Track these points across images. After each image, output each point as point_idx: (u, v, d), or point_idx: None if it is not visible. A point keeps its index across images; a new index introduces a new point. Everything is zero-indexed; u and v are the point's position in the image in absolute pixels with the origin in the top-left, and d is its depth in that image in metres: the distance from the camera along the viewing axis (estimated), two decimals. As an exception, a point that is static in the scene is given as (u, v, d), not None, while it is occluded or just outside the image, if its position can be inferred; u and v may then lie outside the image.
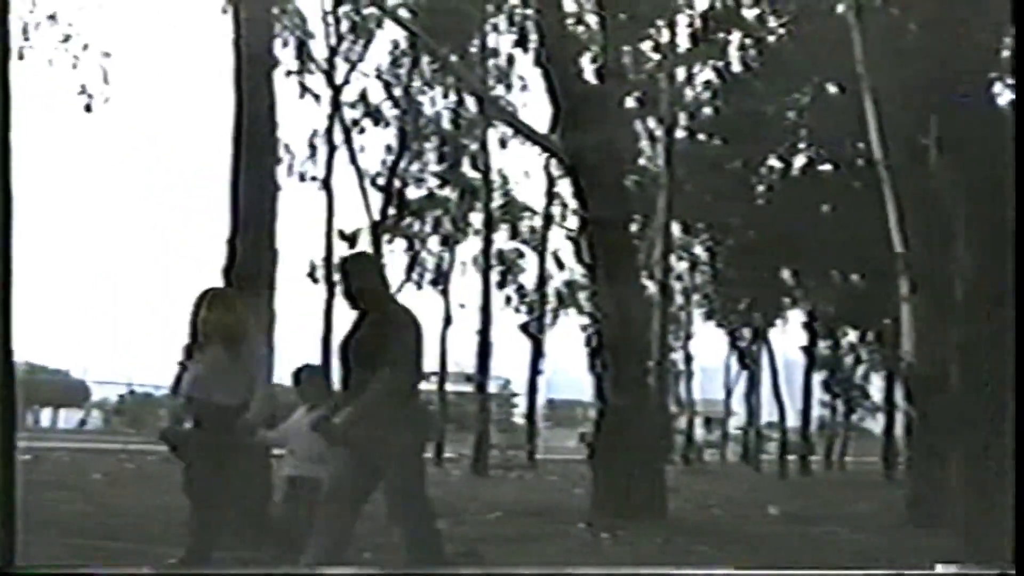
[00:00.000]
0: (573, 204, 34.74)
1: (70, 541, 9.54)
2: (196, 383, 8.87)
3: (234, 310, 9.00)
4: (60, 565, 7.46)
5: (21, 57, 30.15)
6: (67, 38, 29.53)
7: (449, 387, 36.99)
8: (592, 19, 24.01)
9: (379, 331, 7.83)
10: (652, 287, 30.03)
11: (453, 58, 27.84)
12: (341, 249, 34.65)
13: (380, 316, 7.95)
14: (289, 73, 32.60)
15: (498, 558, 10.30)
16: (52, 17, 29.63)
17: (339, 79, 34.18)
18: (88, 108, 29.88)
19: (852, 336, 43.49)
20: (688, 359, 43.69)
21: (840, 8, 21.29)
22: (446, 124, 35.53)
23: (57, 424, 49.01)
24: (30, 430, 39.75)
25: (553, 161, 33.63)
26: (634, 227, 23.99)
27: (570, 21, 21.20)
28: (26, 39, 29.58)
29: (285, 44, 31.17)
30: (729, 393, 48.18)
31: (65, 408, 50.91)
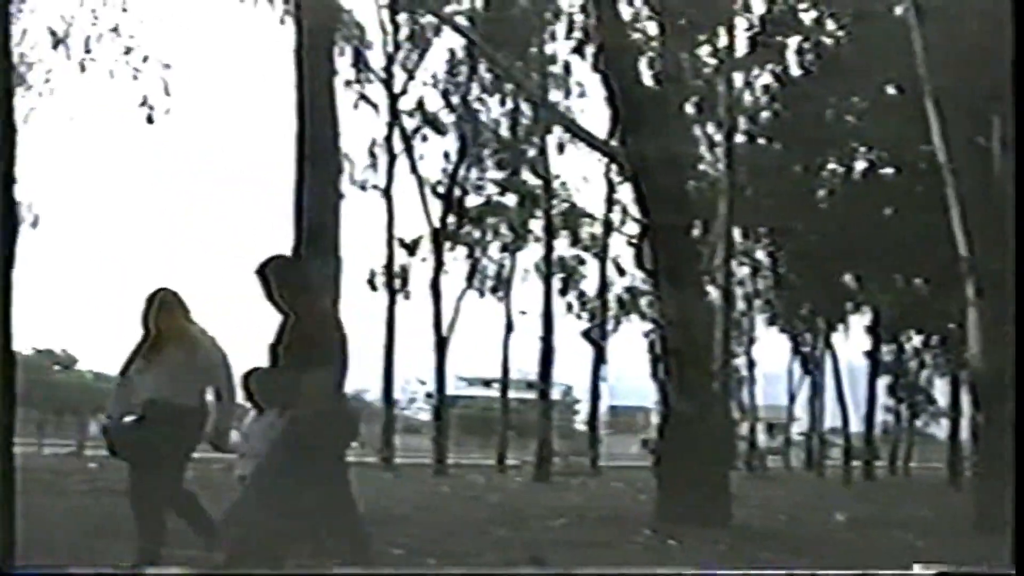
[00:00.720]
0: (634, 210, 34.80)
1: (135, 544, 9.60)
2: (151, 382, 8.78)
3: (187, 311, 8.95)
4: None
5: (83, 69, 30.45)
6: (128, 50, 29.83)
7: (511, 394, 37.03)
8: (650, 24, 24.00)
9: (302, 334, 7.89)
10: (714, 293, 29.93)
11: (511, 64, 27.87)
12: (402, 257, 34.93)
13: (303, 319, 8.00)
14: (348, 83, 32.81)
15: (565, 565, 10.27)
16: (114, 30, 29.88)
17: (397, 88, 34.37)
18: (150, 119, 30.10)
19: (916, 341, 43.17)
20: (751, 365, 43.52)
21: (898, 9, 21.15)
22: (504, 131, 35.59)
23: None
24: (95, 438, 40.06)
25: (613, 167, 33.65)
26: (696, 232, 23.93)
27: (628, 27, 21.18)
28: (87, 52, 29.86)
29: (342, 53, 31.32)
30: (792, 398, 48.01)
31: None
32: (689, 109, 31.14)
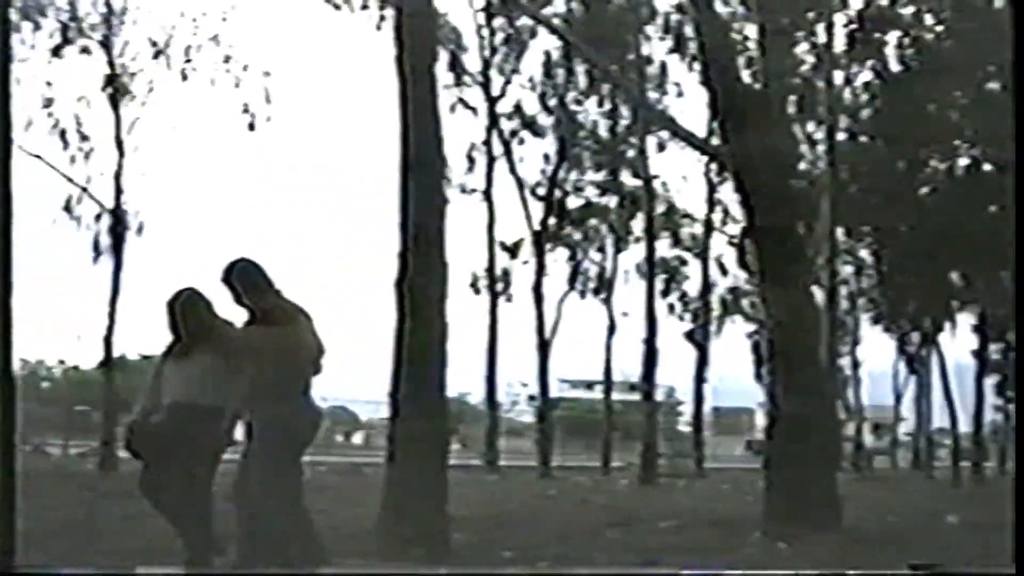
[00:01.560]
0: (735, 210, 34.63)
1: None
2: (177, 384, 8.74)
3: (212, 309, 8.85)
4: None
5: (184, 78, 31.01)
6: (228, 59, 30.32)
7: (614, 396, 36.95)
8: (749, 23, 23.86)
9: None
10: (818, 292, 29.67)
11: (608, 65, 27.83)
12: (503, 260, 34.99)
13: (270, 319, 8.48)
14: (446, 87, 32.94)
15: (678, 569, 10.21)
16: (214, 39, 30.43)
17: (495, 91, 34.43)
18: (251, 127, 30.61)
19: (1025, 338, 42.34)
20: (856, 364, 43.09)
21: (998, 2, 20.83)
22: (603, 132, 35.53)
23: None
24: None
25: (712, 166, 33.49)
26: (799, 232, 23.75)
27: (727, 26, 21.08)
28: (188, 61, 30.43)
29: (438, 58, 31.41)
30: (899, 398, 47.46)
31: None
32: (790, 108, 30.94)
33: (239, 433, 8.79)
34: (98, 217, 29.91)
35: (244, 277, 8.78)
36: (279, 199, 74.36)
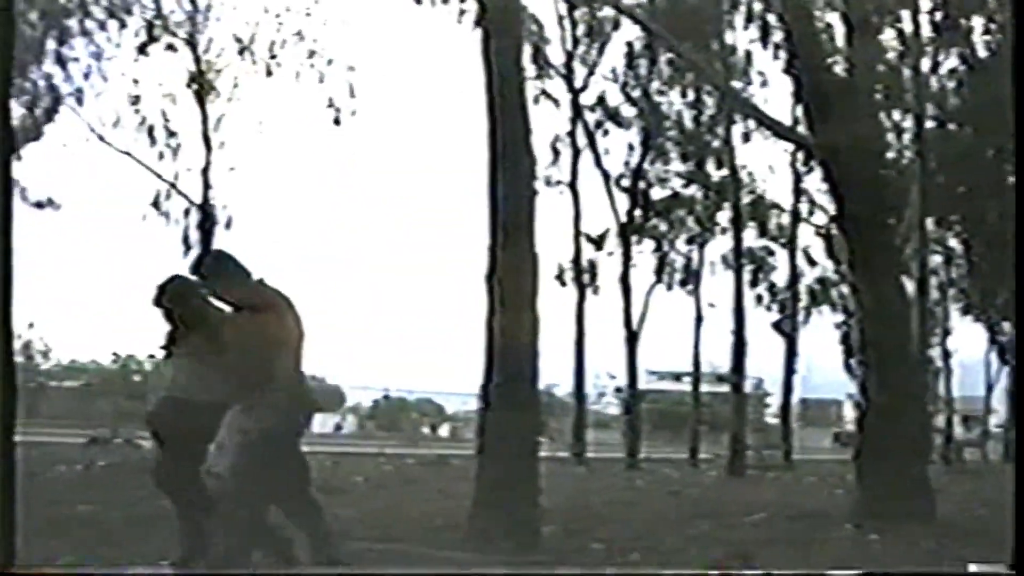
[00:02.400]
0: (823, 199, 34.41)
1: (346, 543, 9.73)
2: (171, 378, 8.77)
3: (206, 301, 8.67)
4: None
5: (269, 74, 31.26)
6: (312, 54, 30.54)
7: (702, 387, 36.77)
8: (834, 11, 23.68)
9: (248, 324, 8.27)
10: (908, 282, 29.39)
11: (692, 55, 27.70)
12: (589, 252, 34.93)
13: (245, 309, 8.36)
14: (528, 79, 32.94)
15: (770, 562, 10.15)
16: (298, 34, 30.66)
17: (578, 83, 34.36)
18: (337, 121, 30.80)
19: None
20: (946, 355, 42.57)
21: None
22: (688, 123, 35.38)
23: (313, 428, 50.41)
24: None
25: (799, 156, 33.29)
26: (889, 221, 23.55)
27: (813, 15, 20.95)
28: (273, 57, 30.69)
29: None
30: (990, 389, 46.84)
31: (322, 413, 52.40)
32: (877, 96, 30.67)
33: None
34: (187, 212, 30.25)
35: (217, 267, 8.60)
36: (365, 193, 74.72)
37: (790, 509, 15.87)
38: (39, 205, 30.40)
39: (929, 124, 31.82)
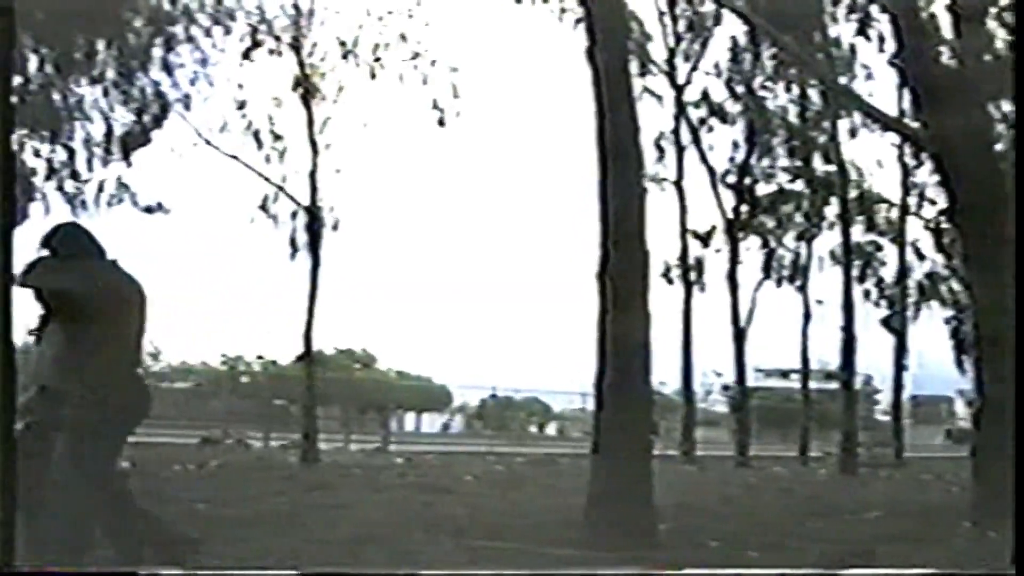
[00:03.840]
0: (931, 193, 34.02)
1: (461, 541, 9.77)
2: (42, 366, 8.06)
3: (67, 283, 7.99)
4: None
5: (373, 76, 31.45)
6: (416, 55, 30.68)
7: (811, 385, 36.52)
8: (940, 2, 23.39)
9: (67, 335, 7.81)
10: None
11: (796, 48, 27.43)
12: (695, 249, 34.80)
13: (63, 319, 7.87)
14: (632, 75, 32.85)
15: (890, 560, 10.02)
16: (402, 36, 30.81)
17: (681, 79, 34.23)
18: (441, 122, 30.94)
19: None
20: (1063, 347, 41.85)
21: None
22: (793, 118, 35.12)
23: (421, 428, 50.82)
24: (397, 434, 41.30)
25: (906, 149, 32.88)
26: (1003, 214, 23.19)
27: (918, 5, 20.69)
28: (377, 59, 30.86)
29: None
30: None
31: (429, 412, 52.72)
32: (987, 87, 30.19)
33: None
34: (294, 215, 30.50)
35: (69, 243, 8.09)
36: (472, 194, 74.95)
37: (905, 506, 15.70)
38: (148, 210, 30.83)
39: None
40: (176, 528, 8.28)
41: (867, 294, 37.01)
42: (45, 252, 8.06)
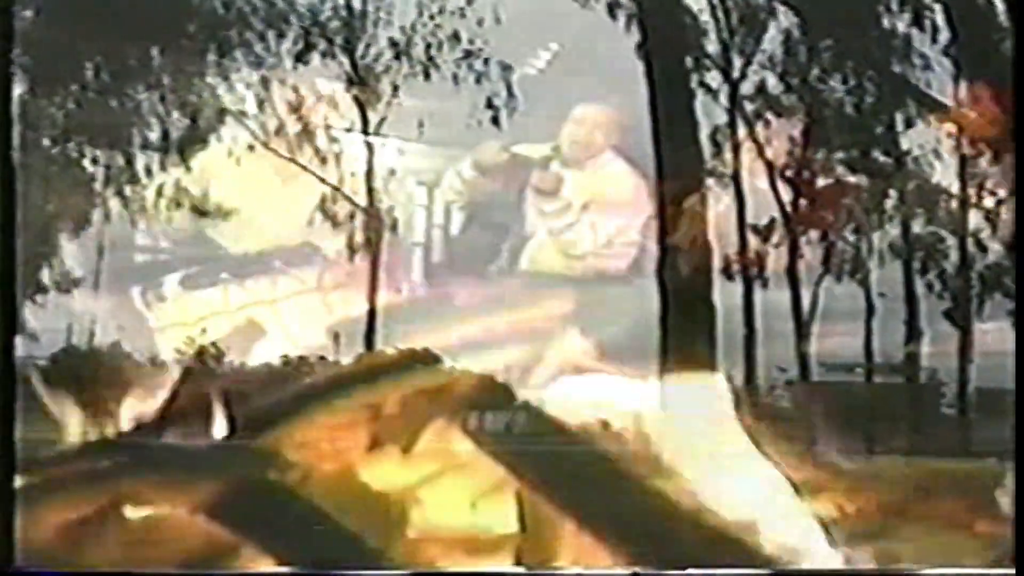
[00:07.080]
0: (991, 183, 33.70)
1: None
2: None
3: None
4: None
5: (427, 76, 31.40)
6: (468, 55, 30.65)
7: (876, 379, 36.28)
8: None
9: None
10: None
11: (851, 40, 27.26)
12: (754, 244, 34.62)
13: None
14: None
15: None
16: (455, 36, 30.79)
17: (735, 73, 34.10)
18: (495, 121, 30.92)
19: None
20: None
21: None
22: (849, 109, 34.93)
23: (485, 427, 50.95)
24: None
25: (964, 140, 32.61)
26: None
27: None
28: (430, 60, 30.83)
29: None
30: None
31: (492, 412, 52.98)
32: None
33: None
34: (351, 216, 30.53)
35: None
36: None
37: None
38: (205, 213, 31.02)
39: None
40: None
41: (929, 286, 36.79)
42: None
